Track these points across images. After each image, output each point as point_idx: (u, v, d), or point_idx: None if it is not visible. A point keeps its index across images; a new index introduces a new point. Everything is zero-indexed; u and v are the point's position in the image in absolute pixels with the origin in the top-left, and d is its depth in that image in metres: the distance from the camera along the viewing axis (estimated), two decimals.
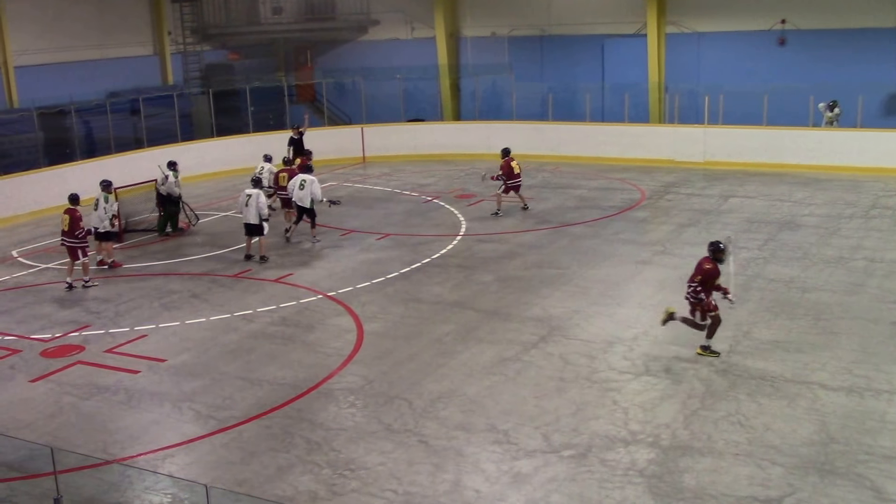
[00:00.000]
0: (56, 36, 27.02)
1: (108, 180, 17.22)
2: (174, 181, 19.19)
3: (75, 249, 15.73)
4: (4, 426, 10.52)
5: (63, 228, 15.83)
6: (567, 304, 14.05)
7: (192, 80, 31.19)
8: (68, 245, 15.83)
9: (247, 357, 12.45)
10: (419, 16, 31.09)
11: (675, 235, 17.81)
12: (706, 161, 24.74)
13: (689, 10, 27.03)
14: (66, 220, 15.74)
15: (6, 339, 13.46)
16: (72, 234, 15.68)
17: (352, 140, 27.58)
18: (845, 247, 16.51)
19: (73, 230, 15.65)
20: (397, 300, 14.69)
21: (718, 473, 8.95)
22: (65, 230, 15.80)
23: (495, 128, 27.53)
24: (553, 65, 29.34)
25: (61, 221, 15.97)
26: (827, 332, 12.54)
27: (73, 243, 15.73)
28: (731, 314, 13.20)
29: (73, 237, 15.70)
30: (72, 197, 16.17)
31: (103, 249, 17.10)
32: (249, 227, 16.98)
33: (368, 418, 10.46)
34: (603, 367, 11.61)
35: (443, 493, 8.82)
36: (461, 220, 19.71)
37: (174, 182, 19.19)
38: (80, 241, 15.68)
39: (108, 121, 24.95)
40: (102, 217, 16.77)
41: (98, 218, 16.75)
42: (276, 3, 31.70)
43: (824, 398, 10.48)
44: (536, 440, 9.76)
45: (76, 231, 15.63)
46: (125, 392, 11.39)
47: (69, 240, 15.77)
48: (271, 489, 8.96)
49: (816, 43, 25.15)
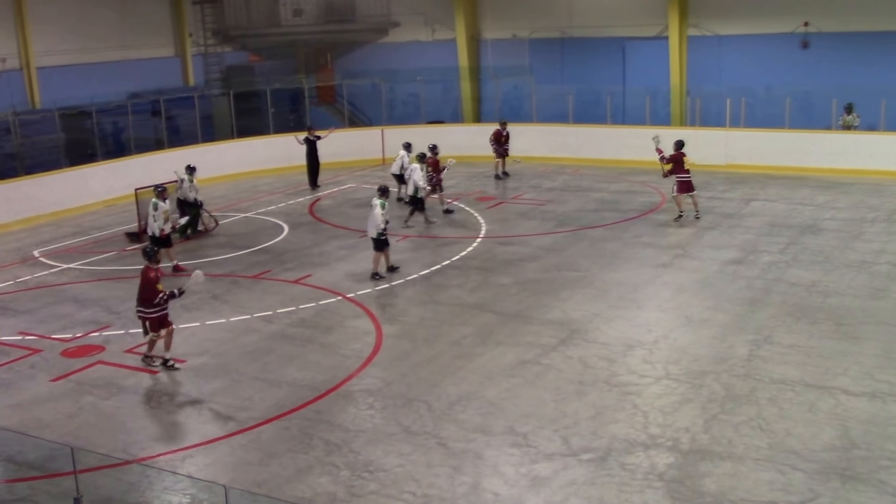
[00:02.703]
0: (78, 37, 27.23)
1: (162, 185, 16.95)
2: (188, 185, 19.10)
3: (144, 322, 12.08)
4: (25, 425, 10.59)
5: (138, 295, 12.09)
6: (587, 307, 13.99)
7: (212, 81, 31.37)
8: (140, 315, 12.12)
9: (266, 358, 12.48)
10: (439, 18, 31.08)
11: (696, 239, 17.70)
12: (727, 164, 24.57)
13: (710, 12, 26.85)
14: (139, 283, 12.09)
15: (27, 339, 13.56)
16: (149, 302, 11.90)
17: (371, 142, 27.60)
18: (868, 251, 16.34)
19: (149, 297, 11.88)
20: (417, 302, 14.68)
21: (739, 478, 8.88)
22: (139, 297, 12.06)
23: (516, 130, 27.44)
24: (574, 67, 29.23)
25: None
26: (849, 336, 12.41)
27: (150, 313, 11.99)
28: (751, 318, 13.14)
29: (150, 306, 11.90)
30: (148, 251, 12.34)
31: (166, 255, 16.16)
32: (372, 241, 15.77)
33: (387, 420, 10.45)
34: (622, 371, 11.55)
35: (461, 495, 8.79)
36: (481, 222, 19.68)
37: (188, 186, 19.11)
38: (158, 310, 11.98)
39: (130, 122, 25.13)
40: (154, 223, 16.31)
41: (153, 224, 16.35)
42: (296, 5, 31.81)
43: (846, 403, 10.37)
44: (555, 443, 9.72)
45: (154, 298, 11.86)
46: (145, 392, 11.45)
47: (145, 310, 11.98)
48: (290, 490, 8.97)
49: (839, 46, 24.89)
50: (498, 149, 24.38)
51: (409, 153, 21.08)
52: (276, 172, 26.26)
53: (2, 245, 19.43)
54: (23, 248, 19.12)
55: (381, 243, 15.74)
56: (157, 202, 16.48)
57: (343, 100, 31.71)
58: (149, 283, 11.90)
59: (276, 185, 24.90)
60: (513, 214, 20.32)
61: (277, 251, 18.00)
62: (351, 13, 32.47)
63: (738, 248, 16.79)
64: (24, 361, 12.67)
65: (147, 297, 11.86)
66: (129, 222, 20.11)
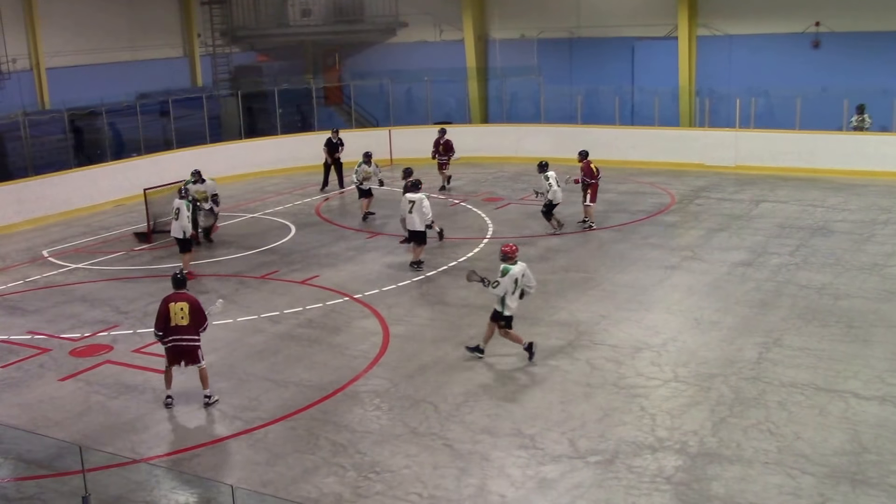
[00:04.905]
0: (87, 38, 27.31)
1: (186, 188, 16.92)
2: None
3: (194, 351, 10.99)
4: (34, 424, 10.62)
5: (177, 323, 10.81)
6: (594, 308, 13.94)
7: (220, 81, 31.42)
8: (185, 345, 10.90)
9: (273, 358, 12.47)
10: (447, 18, 31.05)
11: (705, 240, 17.63)
12: (737, 165, 24.48)
13: (720, 12, 26.76)
14: (185, 309, 10.84)
15: (36, 338, 13.59)
16: (194, 330, 10.90)
17: (379, 142, 27.58)
18: (880, 253, 16.24)
19: (197, 323, 10.89)
20: (423, 303, 14.67)
21: (747, 482, 8.82)
22: (181, 325, 10.81)
23: (523, 130, 27.45)
24: (582, 67, 29.16)
25: (171, 314, 10.82)
26: (860, 339, 12.33)
27: (194, 342, 10.97)
28: (761, 321, 13.07)
29: (195, 334, 10.93)
30: (178, 278, 11.19)
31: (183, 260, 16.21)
32: (415, 235, 16.14)
33: (394, 421, 10.43)
34: (630, 373, 11.50)
35: (468, 497, 8.76)
36: (488, 223, 19.65)
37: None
38: (198, 338, 11.02)
39: (138, 122, 25.15)
40: (184, 225, 16.06)
41: (181, 227, 16.10)
42: (304, 6, 31.83)
43: (856, 407, 10.30)
44: (563, 445, 9.68)
45: (202, 324, 10.97)
46: (153, 392, 11.45)
47: (189, 338, 10.90)
48: (296, 490, 8.96)
49: (851, 45, 24.74)
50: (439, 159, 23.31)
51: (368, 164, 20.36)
52: (284, 173, 26.31)
53: (11, 245, 19.49)
54: (32, 247, 19.18)
55: (424, 236, 16.13)
56: (187, 203, 16.23)
57: (350, 100, 31.72)
58: (199, 305, 10.96)
59: (284, 185, 24.92)
60: (520, 215, 20.27)
61: (285, 252, 18.00)
62: (359, 13, 32.51)
63: (747, 250, 16.71)
64: (32, 360, 12.70)
65: (200, 320, 10.90)
66: (138, 222, 20.15)
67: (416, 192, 16.29)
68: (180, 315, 10.79)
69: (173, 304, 10.84)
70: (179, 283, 11.11)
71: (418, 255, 16.39)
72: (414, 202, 16.06)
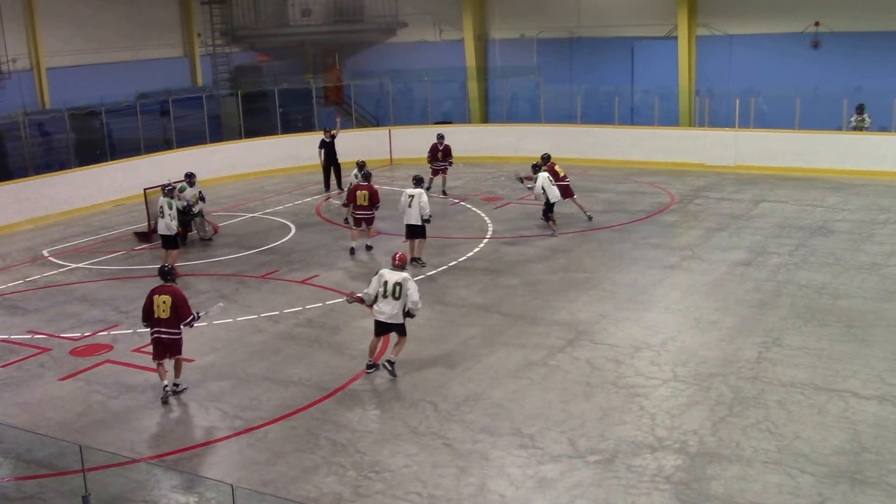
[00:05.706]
0: (88, 38, 27.31)
1: (171, 185, 17.06)
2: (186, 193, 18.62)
3: (175, 344, 11.19)
4: (34, 424, 10.63)
5: (159, 315, 10.98)
6: (594, 308, 13.95)
7: (220, 81, 31.42)
8: (166, 338, 11.09)
9: (273, 358, 12.49)
10: (447, 18, 31.06)
11: (705, 240, 17.64)
12: (737, 165, 24.49)
13: (720, 12, 26.76)
14: (168, 302, 11.00)
15: (36, 338, 13.61)
16: (176, 324, 11.07)
17: (379, 142, 27.61)
18: (879, 253, 16.25)
19: (179, 317, 11.06)
20: (423, 303, 14.61)
21: (747, 481, 8.84)
22: (162, 317, 10.98)
23: (523, 130, 27.43)
24: (582, 67, 29.16)
25: (154, 306, 11.01)
26: (859, 339, 12.34)
27: (175, 335, 11.14)
28: (760, 320, 13.08)
29: (176, 328, 11.09)
30: (164, 270, 11.46)
31: (169, 257, 16.18)
32: (412, 229, 16.35)
33: (394, 421, 10.44)
34: (630, 373, 11.51)
35: (467, 496, 8.77)
36: (488, 223, 19.66)
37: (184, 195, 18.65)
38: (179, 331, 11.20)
39: (138, 122, 25.16)
40: (169, 223, 16.33)
41: (165, 225, 16.35)
42: (304, 6, 31.83)
43: (856, 406, 10.31)
44: (562, 445, 9.70)
45: (189, 316, 11.14)
46: (152, 391, 11.46)
47: (169, 331, 11.06)
48: (296, 490, 8.97)
49: (851, 45, 24.76)
50: (436, 165, 22.77)
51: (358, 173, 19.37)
52: (284, 172, 26.32)
53: (12, 244, 19.51)
54: (32, 247, 19.19)
55: (424, 230, 16.26)
56: (170, 201, 16.52)
57: (350, 100, 31.72)
58: (183, 299, 11.11)
59: (284, 185, 24.93)
60: (520, 215, 20.28)
61: (285, 251, 18.02)
62: (359, 13, 32.52)
63: (747, 250, 16.72)
64: (32, 360, 12.71)
65: (183, 315, 11.01)
66: (139, 222, 20.17)
67: (417, 188, 16.49)
68: (162, 308, 10.97)
69: (157, 297, 11.04)
70: (165, 275, 11.34)
71: (420, 252, 16.49)
72: (413, 196, 16.25)
